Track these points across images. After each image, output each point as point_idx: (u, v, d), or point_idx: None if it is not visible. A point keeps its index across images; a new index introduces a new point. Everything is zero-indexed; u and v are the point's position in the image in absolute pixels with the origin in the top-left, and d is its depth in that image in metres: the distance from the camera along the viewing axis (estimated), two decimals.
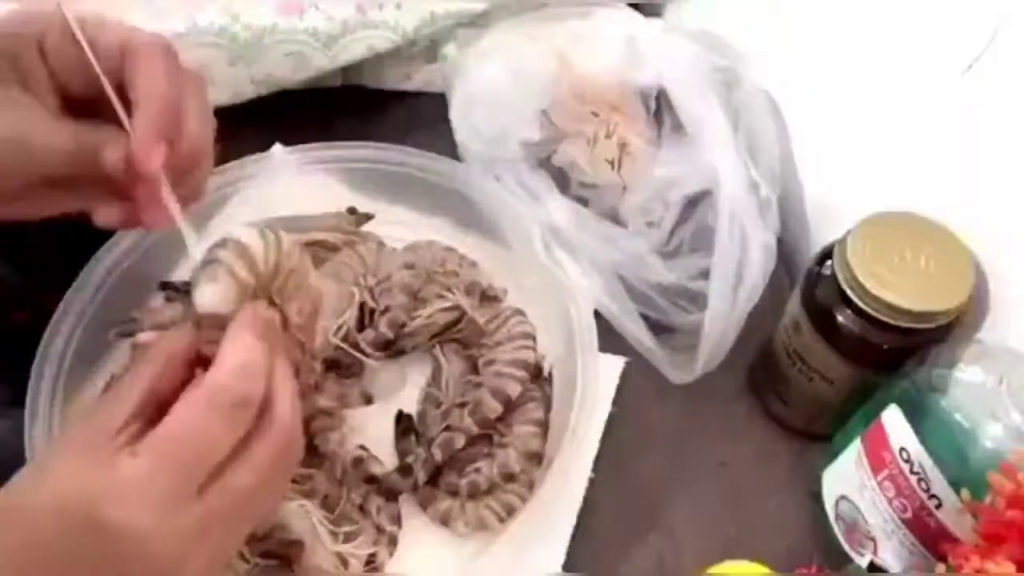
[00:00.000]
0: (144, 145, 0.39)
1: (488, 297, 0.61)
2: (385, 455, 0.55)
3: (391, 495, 0.53)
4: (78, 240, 0.54)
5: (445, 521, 0.53)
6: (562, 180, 0.66)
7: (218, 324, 0.38)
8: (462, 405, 0.55)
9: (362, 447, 0.55)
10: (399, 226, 0.64)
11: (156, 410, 0.37)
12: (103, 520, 0.33)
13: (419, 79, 0.75)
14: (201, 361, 0.38)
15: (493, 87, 0.67)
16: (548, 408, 0.57)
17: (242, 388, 0.36)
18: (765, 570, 0.46)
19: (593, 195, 0.66)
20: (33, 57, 0.41)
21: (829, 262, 0.50)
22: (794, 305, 0.54)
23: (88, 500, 0.33)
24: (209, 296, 0.38)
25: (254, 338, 0.37)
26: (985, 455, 0.41)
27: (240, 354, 0.36)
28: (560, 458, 0.51)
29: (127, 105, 0.40)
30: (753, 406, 0.60)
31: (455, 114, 0.68)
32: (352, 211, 0.63)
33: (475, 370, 0.58)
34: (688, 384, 0.58)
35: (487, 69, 0.68)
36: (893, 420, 0.46)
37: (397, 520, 0.53)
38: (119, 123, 0.40)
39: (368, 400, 0.56)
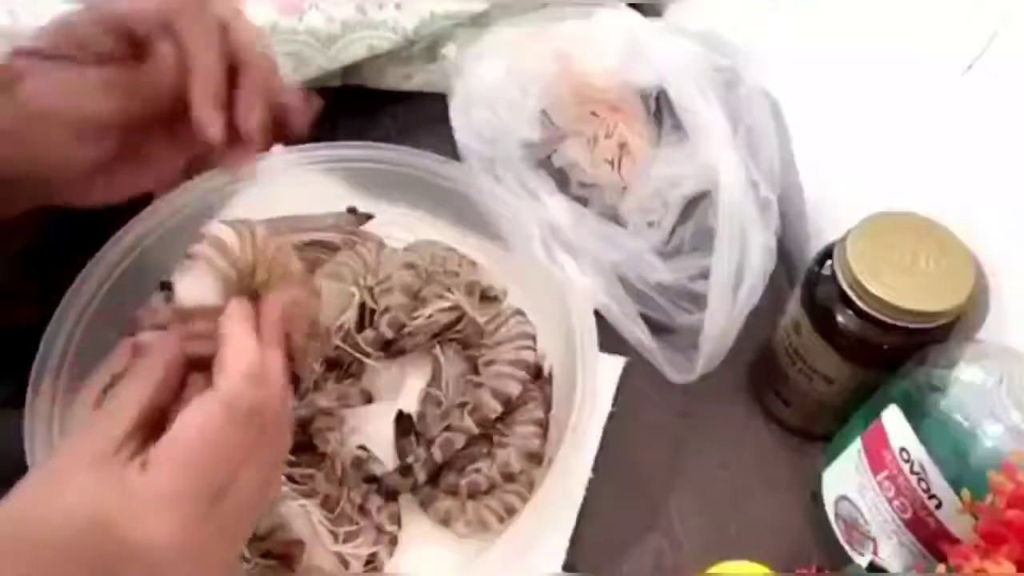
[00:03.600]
0: (204, 115, 0.41)
1: (488, 297, 0.61)
2: (385, 455, 0.55)
3: (391, 495, 0.53)
4: (78, 240, 0.54)
5: (445, 521, 0.53)
6: (562, 180, 0.66)
7: (207, 316, 0.38)
8: (462, 405, 0.55)
9: (362, 447, 0.55)
10: (399, 226, 0.63)
11: (156, 420, 0.36)
12: (121, 539, 0.32)
13: (419, 79, 0.75)
14: (193, 363, 0.38)
15: (493, 87, 0.67)
16: (548, 408, 0.57)
17: (258, 394, 0.36)
18: (765, 570, 0.46)
19: (593, 195, 0.66)
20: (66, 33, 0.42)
21: (829, 262, 0.50)
22: (794, 305, 0.54)
23: (104, 521, 0.33)
24: (191, 287, 0.38)
25: (252, 338, 0.37)
26: (985, 455, 0.41)
27: (246, 357, 0.36)
28: (560, 458, 0.51)
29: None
30: (753, 406, 0.60)
31: (455, 114, 0.68)
32: (352, 211, 0.63)
33: (475, 370, 0.58)
34: (688, 384, 0.58)
35: (487, 69, 0.68)
36: (893, 420, 0.46)
37: (397, 520, 0.53)
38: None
39: (368, 400, 0.56)
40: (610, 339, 0.59)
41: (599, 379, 0.55)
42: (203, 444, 0.34)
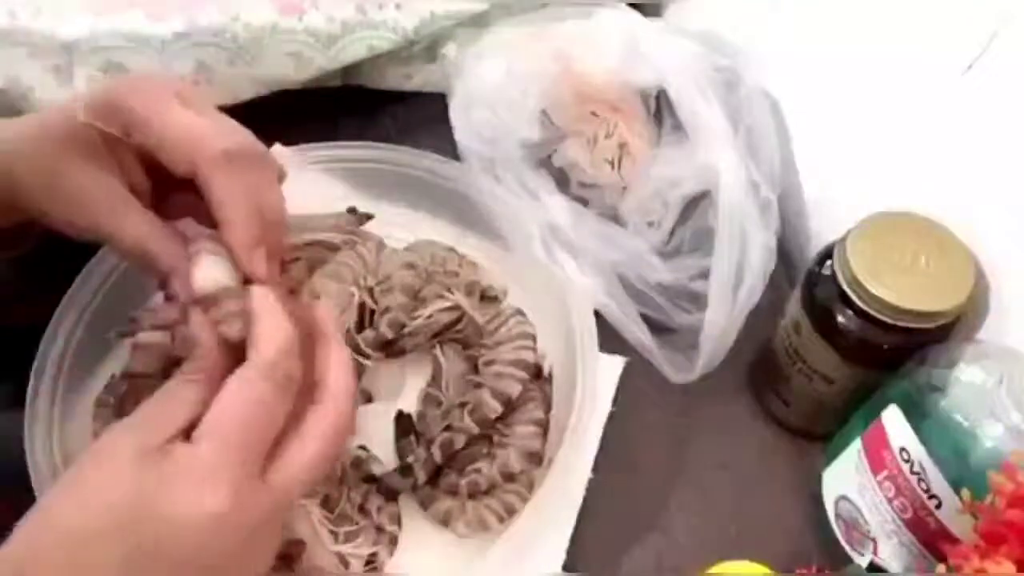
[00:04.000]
0: (248, 258, 0.40)
1: (488, 297, 0.61)
2: (385, 455, 0.55)
3: (391, 495, 0.53)
4: (79, 240, 0.54)
5: (445, 521, 0.53)
6: (562, 180, 0.66)
7: (231, 296, 0.39)
8: (462, 405, 0.55)
9: (362, 447, 0.55)
10: (399, 226, 0.64)
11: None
12: (161, 515, 0.32)
13: (419, 79, 0.75)
14: (230, 349, 0.38)
15: (493, 87, 0.67)
16: (548, 408, 0.57)
17: (289, 364, 0.36)
18: (765, 570, 0.46)
19: (593, 195, 0.66)
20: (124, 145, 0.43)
21: (829, 262, 0.50)
22: (794, 305, 0.54)
23: (140, 501, 0.32)
24: (207, 274, 0.39)
25: (282, 313, 0.37)
26: (985, 455, 0.41)
27: (278, 330, 0.37)
28: (560, 458, 0.51)
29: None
30: (753, 406, 0.60)
31: (455, 114, 0.68)
32: (352, 211, 0.63)
33: (475, 370, 0.58)
34: (688, 384, 0.58)
35: (487, 69, 0.68)
36: (893, 420, 0.46)
37: (397, 520, 0.53)
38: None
39: (368, 400, 0.56)
40: (610, 339, 0.59)
41: (599, 379, 0.55)
42: (243, 416, 0.34)
